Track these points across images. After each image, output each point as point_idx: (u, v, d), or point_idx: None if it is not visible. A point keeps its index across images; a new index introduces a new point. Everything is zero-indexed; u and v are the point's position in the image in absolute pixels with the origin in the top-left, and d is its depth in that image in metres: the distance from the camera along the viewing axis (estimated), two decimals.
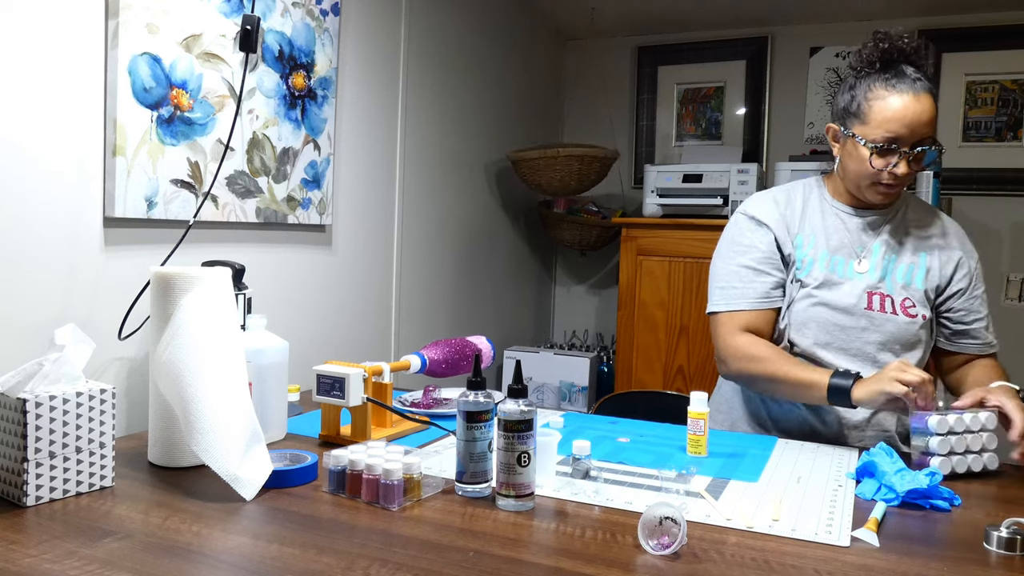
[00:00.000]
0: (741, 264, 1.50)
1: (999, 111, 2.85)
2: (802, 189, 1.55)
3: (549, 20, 3.27)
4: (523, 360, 2.91)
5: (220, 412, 1.07)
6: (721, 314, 1.50)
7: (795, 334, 1.46)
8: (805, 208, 1.52)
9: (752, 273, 1.49)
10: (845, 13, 2.99)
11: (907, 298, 1.44)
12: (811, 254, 1.48)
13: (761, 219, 1.51)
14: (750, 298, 1.48)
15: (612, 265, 3.42)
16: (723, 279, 1.52)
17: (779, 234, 1.49)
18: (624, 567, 0.85)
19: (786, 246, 1.49)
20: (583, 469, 1.15)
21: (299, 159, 1.81)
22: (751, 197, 1.58)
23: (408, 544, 0.90)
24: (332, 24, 1.88)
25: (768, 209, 1.52)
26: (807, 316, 1.45)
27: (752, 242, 1.50)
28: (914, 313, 1.44)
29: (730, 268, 1.51)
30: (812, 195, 1.53)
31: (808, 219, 1.50)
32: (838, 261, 1.47)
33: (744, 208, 1.55)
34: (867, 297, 1.44)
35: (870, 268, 1.45)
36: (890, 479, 1.08)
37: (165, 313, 1.14)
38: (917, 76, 1.34)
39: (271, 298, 1.78)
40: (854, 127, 1.39)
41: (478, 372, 1.08)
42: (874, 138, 1.35)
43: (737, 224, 1.55)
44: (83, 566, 0.82)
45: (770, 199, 1.54)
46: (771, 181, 2.80)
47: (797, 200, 1.53)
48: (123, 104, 1.38)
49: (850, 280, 1.45)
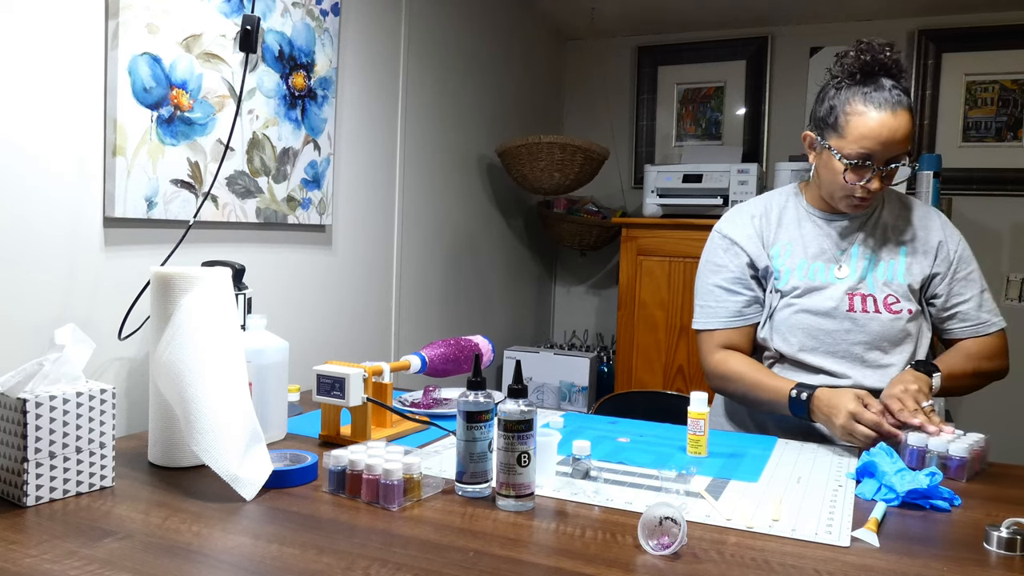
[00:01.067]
0: (714, 283, 1.54)
1: (999, 111, 2.85)
2: (779, 198, 1.56)
3: (549, 20, 3.27)
4: (523, 360, 2.91)
5: (220, 412, 1.07)
6: (701, 332, 1.56)
7: (780, 342, 1.48)
8: (781, 218, 1.53)
9: (724, 292, 1.52)
10: (845, 13, 2.99)
11: (890, 294, 1.44)
12: (788, 263, 1.49)
13: (733, 238, 1.53)
14: (722, 317, 1.52)
15: (612, 265, 3.42)
16: (701, 297, 1.56)
17: (753, 251, 1.51)
18: (624, 567, 0.85)
19: (761, 260, 1.51)
20: (583, 469, 1.15)
21: (299, 159, 1.81)
22: (730, 212, 1.60)
23: (408, 544, 0.90)
24: (332, 24, 1.88)
25: (741, 227, 1.53)
26: (791, 323, 1.46)
27: (723, 262, 1.53)
28: (898, 309, 1.44)
29: (706, 287, 1.55)
30: (789, 204, 1.54)
31: (784, 229, 1.52)
32: (818, 268, 1.47)
33: (719, 226, 1.57)
34: (848, 299, 1.44)
35: (850, 272, 1.46)
36: (890, 479, 1.08)
37: (165, 313, 1.14)
38: (897, 91, 1.34)
39: (271, 298, 1.78)
40: (830, 139, 1.39)
41: (478, 372, 1.08)
42: (848, 153, 1.35)
43: (712, 242, 1.57)
44: (83, 566, 0.82)
45: (746, 215, 1.55)
46: (771, 181, 2.81)
47: (773, 212, 1.54)
48: (123, 104, 1.38)
49: (831, 285, 1.46)
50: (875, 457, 1.13)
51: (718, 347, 1.52)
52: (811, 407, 1.33)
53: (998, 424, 2.77)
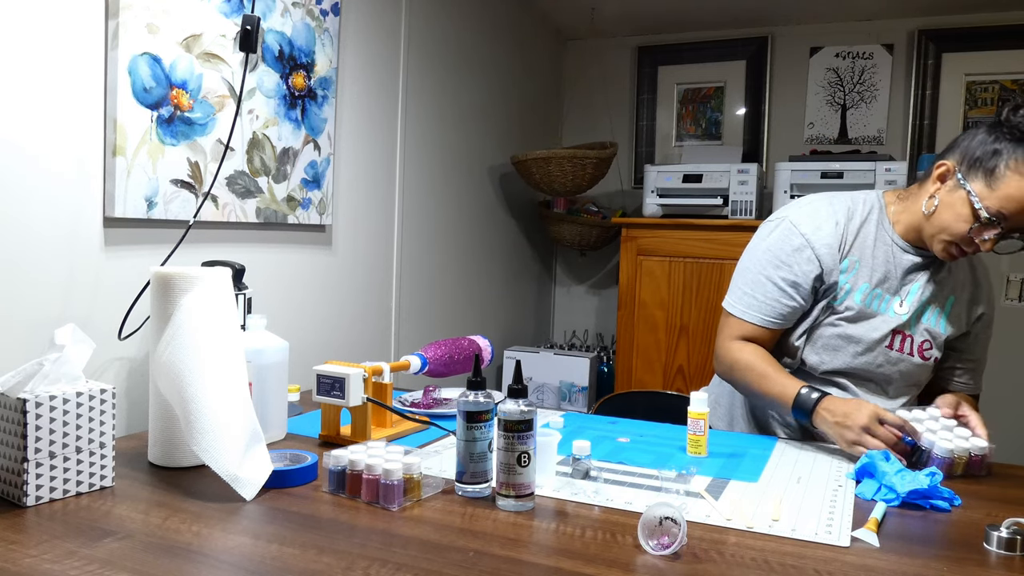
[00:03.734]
0: (769, 277, 1.41)
1: (999, 111, 2.85)
2: (862, 206, 1.43)
3: (549, 20, 3.27)
4: (523, 360, 2.91)
5: (220, 412, 1.07)
6: (732, 316, 1.46)
7: (811, 354, 1.43)
8: (861, 229, 1.41)
9: (777, 291, 1.41)
10: (845, 13, 3.00)
11: (926, 340, 1.41)
12: (852, 281, 1.40)
13: (812, 243, 1.39)
14: (765, 314, 1.42)
15: (612, 265, 3.42)
16: (748, 284, 1.44)
17: (828, 264, 1.39)
18: (624, 567, 0.85)
19: (832, 275, 1.39)
20: (583, 469, 1.15)
21: (299, 159, 1.81)
22: (809, 206, 1.44)
23: (408, 544, 0.90)
24: (332, 24, 1.88)
25: (824, 233, 1.40)
26: (829, 343, 1.42)
27: (791, 261, 1.40)
28: (929, 356, 1.42)
29: (758, 276, 1.43)
30: (871, 217, 1.42)
31: (860, 243, 1.41)
32: (878, 295, 1.40)
33: (798, 220, 1.42)
34: (891, 336, 1.40)
35: (907, 311, 1.40)
36: (891, 479, 1.08)
37: (165, 313, 1.14)
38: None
39: (271, 298, 1.78)
40: (975, 183, 1.27)
41: (478, 372, 1.08)
42: (988, 206, 1.24)
43: (783, 232, 1.42)
44: (83, 566, 0.82)
45: (831, 219, 1.41)
46: (771, 181, 2.80)
47: (855, 220, 1.42)
48: (123, 104, 1.38)
49: (884, 316, 1.40)
50: (874, 458, 1.13)
51: (740, 335, 1.44)
52: (817, 410, 1.29)
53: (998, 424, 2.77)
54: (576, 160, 2.79)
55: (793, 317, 1.43)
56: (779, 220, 1.45)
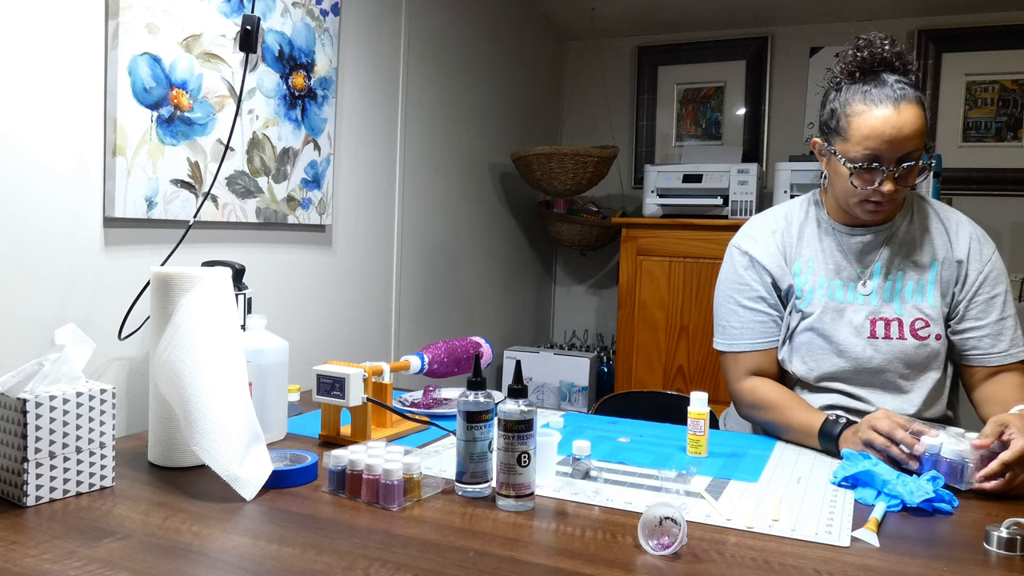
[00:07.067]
0: (737, 303, 1.46)
1: (999, 111, 2.85)
2: (798, 210, 1.48)
3: (549, 20, 3.27)
4: (523, 360, 2.91)
5: (220, 412, 1.07)
6: (726, 354, 1.48)
7: (799, 364, 1.42)
8: (802, 231, 1.45)
9: (748, 312, 1.45)
10: (845, 13, 2.99)
11: (919, 318, 1.36)
12: (810, 281, 1.41)
13: (754, 256, 1.45)
14: (748, 339, 1.45)
15: (612, 265, 3.42)
16: (723, 317, 1.48)
17: (775, 271, 1.44)
18: (624, 567, 0.85)
19: (784, 280, 1.43)
20: (583, 469, 1.15)
21: (299, 159, 1.81)
22: (747, 225, 1.51)
23: (408, 544, 0.90)
24: (332, 24, 1.88)
25: (762, 243, 1.45)
26: (811, 347, 1.40)
27: (745, 280, 1.45)
28: (926, 335, 1.35)
29: (728, 306, 1.47)
30: (809, 215, 1.46)
31: (806, 243, 1.44)
32: (837, 286, 1.40)
33: (738, 242, 1.49)
34: (870, 325, 1.37)
35: (873, 290, 1.38)
36: (895, 487, 1.06)
37: (165, 313, 1.14)
38: (900, 85, 1.26)
39: (271, 298, 1.78)
40: (836, 144, 1.32)
41: (478, 372, 1.08)
42: (854, 156, 1.27)
43: (731, 258, 1.49)
44: (83, 566, 0.82)
45: (766, 230, 1.47)
46: (771, 181, 2.80)
47: (794, 224, 1.46)
48: (123, 104, 1.38)
49: (852, 305, 1.38)
50: (871, 467, 1.11)
51: (746, 373, 1.44)
52: (844, 434, 1.25)
53: None
54: (578, 157, 2.78)
55: (778, 331, 1.45)
56: (727, 251, 1.52)
